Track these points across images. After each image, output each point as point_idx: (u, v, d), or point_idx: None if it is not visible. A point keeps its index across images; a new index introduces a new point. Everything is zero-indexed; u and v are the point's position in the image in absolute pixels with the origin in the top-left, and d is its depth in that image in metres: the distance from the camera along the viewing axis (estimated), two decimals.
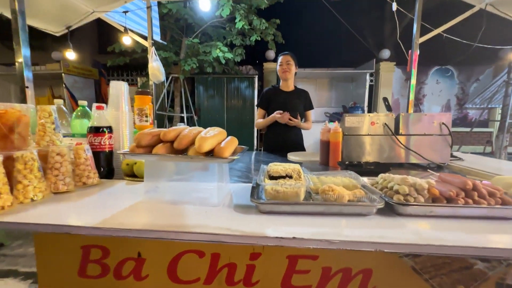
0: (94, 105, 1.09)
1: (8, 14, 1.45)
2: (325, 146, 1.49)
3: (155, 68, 1.93)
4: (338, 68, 6.20)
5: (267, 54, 6.37)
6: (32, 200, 0.74)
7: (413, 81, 1.62)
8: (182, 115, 5.36)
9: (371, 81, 6.45)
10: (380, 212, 0.68)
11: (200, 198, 0.77)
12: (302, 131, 2.14)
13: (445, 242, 0.52)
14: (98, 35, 8.31)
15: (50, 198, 0.79)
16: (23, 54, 1.08)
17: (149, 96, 1.31)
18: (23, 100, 1.11)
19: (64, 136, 1.18)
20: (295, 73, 2.09)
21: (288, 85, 2.11)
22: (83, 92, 6.67)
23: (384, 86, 6.62)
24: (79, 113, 1.20)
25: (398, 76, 7.05)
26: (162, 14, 4.42)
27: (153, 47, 1.98)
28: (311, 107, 2.14)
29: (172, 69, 5.16)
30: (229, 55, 4.54)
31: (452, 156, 1.57)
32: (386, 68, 6.52)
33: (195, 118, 5.61)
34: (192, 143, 0.73)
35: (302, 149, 2.11)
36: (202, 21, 4.89)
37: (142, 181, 1.02)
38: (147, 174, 0.78)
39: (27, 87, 1.11)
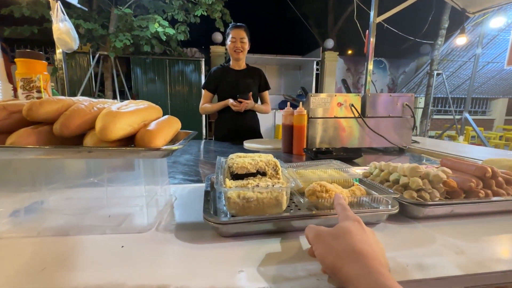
0: None
1: None
2: (288, 131, 1.28)
3: (63, 30, 1.41)
4: (287, 55, 6.15)
5: (213, 36, 5.89)
6: None
7: (370, 64, 1.53)
8: (116, 100, 4.58)
9: (317, 69, 6.62)
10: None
11: (115, 217, 0.46)
12: (259, 115, 1.90)
13: (507, 265, 0.35)
14: None
15: None
16: None
17: (42, 60, 0.88)
18: None
19: None
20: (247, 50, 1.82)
21: (239, 64, 1.83)
22: None
23: (328, 75, 6.88)
24: None
25: (340, 66, 7.42)
26: None
27: (59, 2, 1.44)
28: (267, 87, 1.90)
29: (100, 46, 4.29)
30: (171, 31, 3.96)
31: None
32: (330, 57, 6.75)
33: None
34: (93, 125, 0.41)
35: (259, 135, 1.88)
36: None
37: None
38: (3, 183, 0.42)
39: None
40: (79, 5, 2.08)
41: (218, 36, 5.89)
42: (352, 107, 1.28)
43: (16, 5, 3.54)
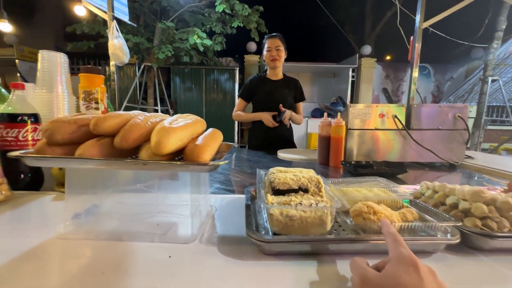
0: (10, 83, 0.75)
1: None
2: (325, 142, 1.24)
3: (117, 46, 1.57)
4: (321, 62, 6.05)
5: (248, 46, 6.05)
6: None
7: (415, 72, 1.42)
8: (156, 108, 4.91)
9: (352, 76, 6.39)
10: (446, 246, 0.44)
11: (162, 226, 0.48)
12: (292, 125, 1.89)
13: None
14: (63, 19, 7.43)
15: None
16: None
17: (100, 75, 0.97)
18: None
19: None
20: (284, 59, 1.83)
21: (276, 73, 1.84)
22: None
23: (365, 82, 6.61)
24: None
25: (378, 73, 7.08)
26: None
27: (115, 21, 1.60)
28: (302, 98, 1.89)
29: (144, 58, 4.67)
30: (208, 42, 4.16)
31: None
32: (367, 64, 6.49)
33: (171, 112, 5.18)
34: (148, 138, 0.44)
35: (293, 145, 1.86)
36: (178, 5, 4.45)
37: None
38: (70, 187, 0.47)
39: None
40: (129, 22, 2.30)
41: (252, 46, 6.03)
42: (396, 119, 1.20)
43: (78, 23, 4.03)
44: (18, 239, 0.45)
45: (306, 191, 0.50)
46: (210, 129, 0.54)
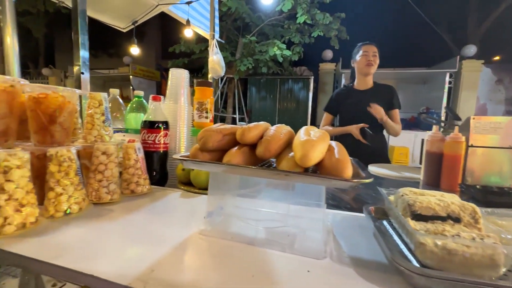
0: (151, 96, 0.91)
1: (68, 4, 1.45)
2: (435, 160, 1.07)
3: (216, 61, 1.76)
4: (408, 67, 5.39)
5: (324, 54, 5.91)
6: (66, 214, 0.56)
7: None
8: (234, 116, 5.29)
9: (449, 82, 5.45)
10: None
11: (291, 237, 0.48)
12: (386, 136, 1.71)
13: None
14: (162, 41, 8.94)
15: (89, 211, 0.60)
16: (80, 31, 0.97)
17: (211, 88, 1.10)
18: (78, 87, 1.00)
19: (117, 131, 1.04)
20: None
21: (366, 82, 1.71)
22: (146, 92, 7.20)
23: (467, 89, 5.53)
24: (134, 105, 1.04)
25: (486, 77, 5.84)
26: (221, 14, 4.40)
27: (215, 39, 1.81)
28: (397, 106, 1.68)
29: (226, 70, 5.13)
30: (288, 53, 4.26)
31: None
32: (471, 67, 5.43)
33: (246, 120, 5.49)
34: (282, 148, 0.45)
35: (386, 160, 1.68)
36: (260, 20, 4.73)
37: (200, 193, 0.79)
38: (213, 188, 0.52)
39: (82, 73, 0.99)
40: (220, 39, 2.55)
41: (328, 54, 5.86)
42: None
43: (177, 44, 4.76)
44: (168, 230, 0.52)
45: (457, 220, 0.42)
46: (334, 142, 0.52)
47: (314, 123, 5.79)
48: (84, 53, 1.01)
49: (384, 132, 1.71)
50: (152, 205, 0.67)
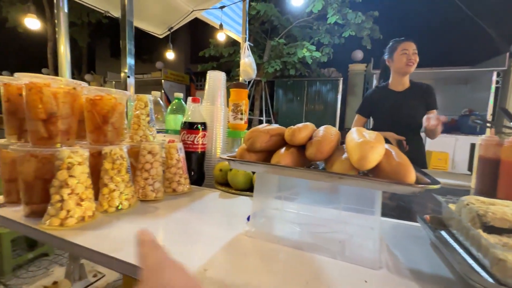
0: (190, 98, 0.94)
1: (117, 14, 1.56)
2: (491, 166, 0.97)
3: (247, 64, 1.78)
4: (448, 66, 5.01)
5: (353, 54, 5.70)
6: (117, 209, 0.59)
7: None
8: (261, 118, 5.30)
9: (497, 82, 4.96)
10: None
11: (342, 244, 0.46)
12: (424, 140, 1.60)
13: None
14: (191, 46, 9.28)
15: (136, 208, 0.63)
16: (127, 39, 1.04)
17: (246, 90, 1.10)
18: (125, 89, 1.07)
19: (157, 132, 1.08)
20: None
21: (403, 82, 1.60)
22: None
23: None
24: (175, 107, 1.08)
25: None
26: (250, 17, 4.46)
27: (247, 42, 1.83)
28: (434, 106, 1.53)
29: None
30: (317, 54, 4.18)
31: None
32: None
33: (273, 122, 5.47)
34: (333, 150, 0.43)
35: (423, 165, 1.57)
36: (288, 22, 4.71)
37: (238, 193, 0.79)
38: (259, 189, 0.51)
39: (128, 76, 1.06)
40: (249, 43, 2.58)
41: (358, 54, 5.64)
42: None
43: (207, 48, 4.91)
44: (212, 230, 0.53)
45: None
46: (388, 145, 0.49)
47: (342, 126, 5.61)
48: (130, 59, 1.08)
49: (422, 135, 1.59)
50: (193, 204, 0.68)
